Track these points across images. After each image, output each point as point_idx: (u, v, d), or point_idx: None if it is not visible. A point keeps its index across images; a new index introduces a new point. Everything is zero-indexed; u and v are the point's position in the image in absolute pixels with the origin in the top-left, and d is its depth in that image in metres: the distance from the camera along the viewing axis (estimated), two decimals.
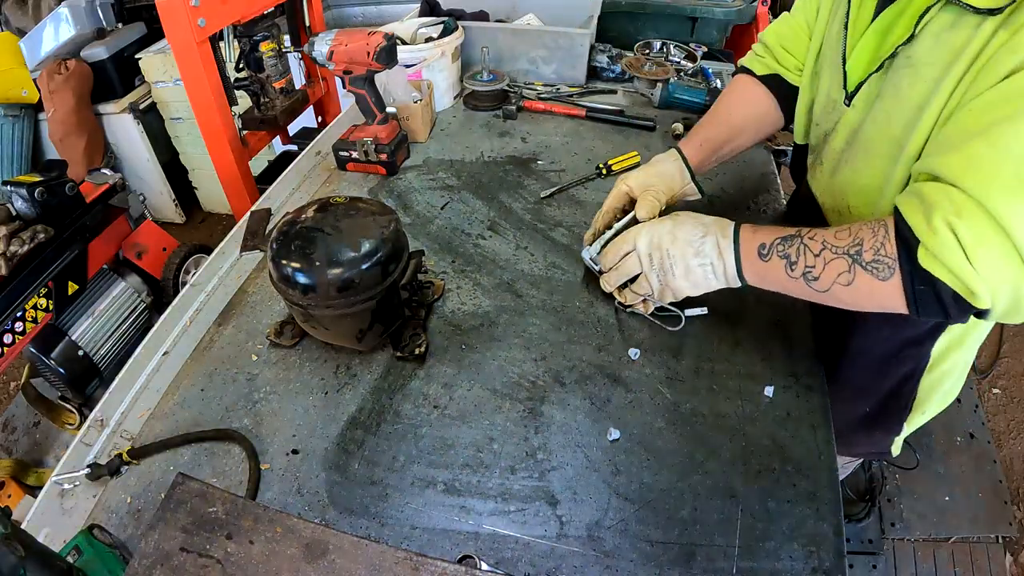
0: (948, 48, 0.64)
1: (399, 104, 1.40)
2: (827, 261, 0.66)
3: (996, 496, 1.86)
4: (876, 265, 0.62)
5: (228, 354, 0.94)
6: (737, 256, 0.76)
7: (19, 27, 2.77)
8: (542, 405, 0.85)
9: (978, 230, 0.55)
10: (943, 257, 0.57)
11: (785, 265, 0.71)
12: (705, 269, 0.79)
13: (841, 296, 0.67)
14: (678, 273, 0.81)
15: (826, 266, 0.66)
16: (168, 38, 1.43)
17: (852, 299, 0.66)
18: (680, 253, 0.80)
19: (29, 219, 1.54)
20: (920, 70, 0.68)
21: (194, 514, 0.57)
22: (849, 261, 0.64)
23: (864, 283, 0.64)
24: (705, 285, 0.81)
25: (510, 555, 0.70)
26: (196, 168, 3.00)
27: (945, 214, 0.56)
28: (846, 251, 0.64)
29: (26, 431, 1.96)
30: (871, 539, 1.77)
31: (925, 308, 0.61)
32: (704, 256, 0.78)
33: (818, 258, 0.67)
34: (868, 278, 0.63)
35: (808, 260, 0.68)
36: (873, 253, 0.62)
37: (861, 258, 0.63)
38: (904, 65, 0.70)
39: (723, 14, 1.89)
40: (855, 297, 0.66)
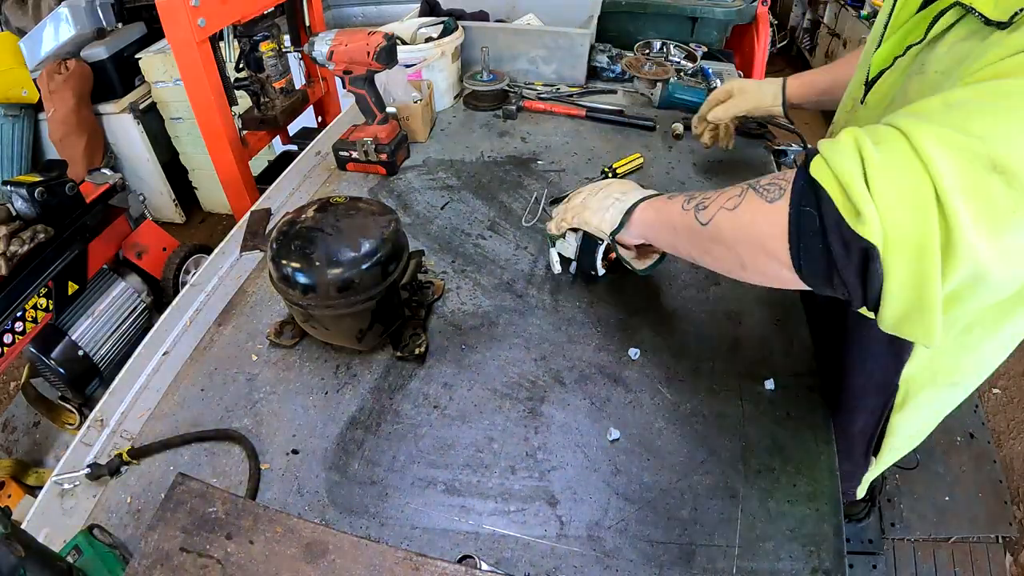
0: (956, 59, 0.60)
1: (399, 104, 1.40)
2: (722, 192, 0.62)
3: (996, 496, 1.86)
4: (768, 188, 0.56)
5: (228, 354, 0.94)
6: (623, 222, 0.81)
7: (19, 27, 2.77)
8: (542, 405, 0.85)
9: (890, 154, 0.47)
10: (833, 162, 0.49)
11: (684, 200, 0.69)
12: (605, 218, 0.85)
13: (721, 232, 0.60)
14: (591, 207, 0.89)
15: (719, 195, 0.62)
16: (168, 38, 1.43)
17: (731, 233, 0.60)
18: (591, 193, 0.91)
19: (29, 219, 1.54)
20: (928, 78, 0.65)
21: (194, 514, 0.57)
22: (744, 188, 0.59)
23: (748, 207, 0.57)
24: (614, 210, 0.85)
25: (510, 555, 0.70)
26: (196, 168, 3.00)
27: (856, 133, 0.49)
28: (747, 183, 0.60)
29: (26, 431, 1.96)
30: (871, 539, 1.76)
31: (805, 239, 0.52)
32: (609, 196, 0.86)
33: (716, 192, 0.64)
34: (756, 200, 0.57)
35: (706, 194, 0.66)
36: (770, 179, 0.58)
37: (757, 184, 0.58)
38: (917, 71, 0.67)
39: (723, 14, 1.89)
40: (734, 229, 0.59)
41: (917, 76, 0.67)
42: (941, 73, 0.62)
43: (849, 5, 3.70)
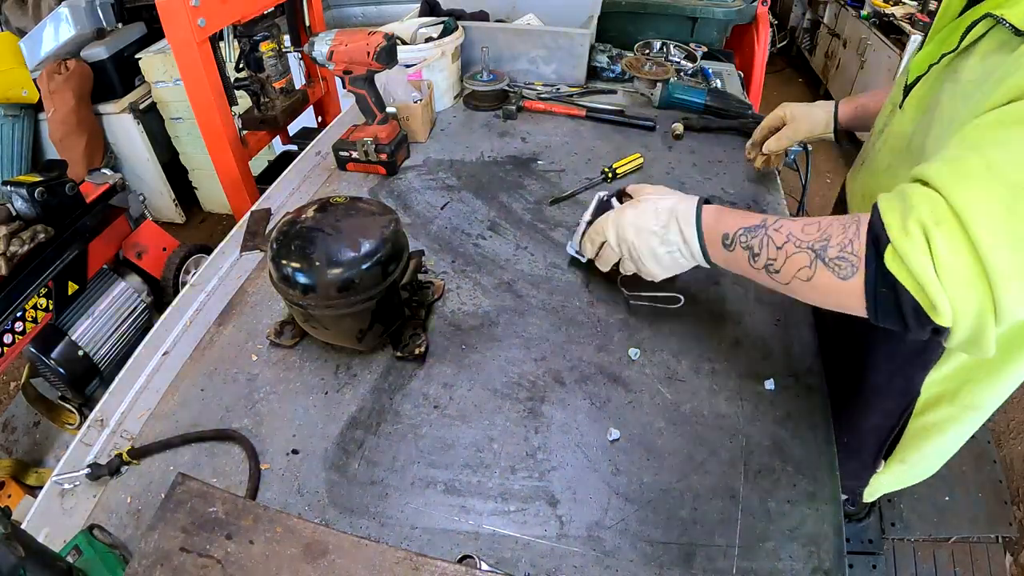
0: (988, 69, 0.62)
1: (399, 104, 1.40)
2: (789, 255, 0.63)
3: (996, 496, 1.86)
4: (839, 263, 0.59)
5: (228, 354, 0.94)
6: (701, 242, 0.76)
7: (19, 27, 2.77)
8: (542, 405, 0.85)
9: (952, 244, 0.51)
10: (910, 262, 0.53)
11: (748, 256, 0.68)
12: (673, 255, 0.80)
13: (802, 292, 0.64)
14: (647, 261, 0.82)
15: (787, 260, 0.63)
16: (168, 38, 1.43)
17: (813, 296, 0.64)
18: (644, 243, 0.81)
19: (29, 219, 1.54)
20: (960, 87, 0.66)
21: (194, 514, 0.57)
22: (812, 256, 0.61)
23: (824, 280, 0.60)
24: (677, 267, 0.82)
25: (510, 555, 0.70)
26: (196, 168, 3.00)
27: (923, 218, 0.53)
28: (810, 246, 0.61)
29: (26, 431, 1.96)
30: (871, 539, 1.77)
31: (884, 313, 0.57)
32: (670, 244, 0.79)
33: (780, 251, 0.64)
34: (829, 276, 0.60)
35: (770, 252, 0.65)
36: (839, 250, 0.59)
37: (825, 254, 0.60)
38: (950, 79, 0.69)
39: (723, 14, 1.89)
40: (815, 294, 0.63)
41: (950, 84, 0.68)
42: (973, 83, 0.64)
43: (849, 5, 3.71)
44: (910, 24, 3.09)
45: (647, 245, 0.80)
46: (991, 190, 0.51)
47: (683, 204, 0.78)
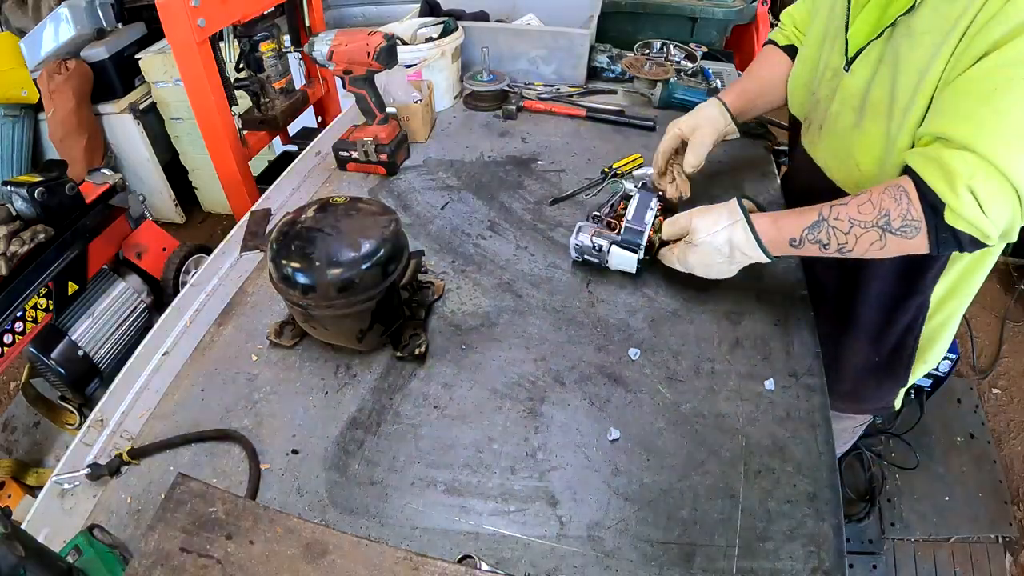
0: (945, 17, 0.72)
1: (399, 104, 1.40)
2: (858, 236, 0.76)
3: (996, 496, 1.86)
4: (905, 229, 0.72)
5: (228, 354, 0.94)
6: (767, 255, 0.86)
7: (19, 27, 2.77)
8: (542, 405, 0.85)
9: (990, 187, 0.66)
10: (966, 216, 0.68)
11: (818, 247, 0.80)
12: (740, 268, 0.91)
13: (876, 254, 0.77)
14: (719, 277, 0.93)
15: (858, 240, 0.76)
16: (168, 38, 1.43)
17: (880, 255, 0.77)
18: (715, 272, 0.92)
19: (29, 219, 1.54)
20: (918, 38, 0.76)
21: (194, 514, 0.57)
22: (879, 232, 0.74)
23: (895, 244, 0.74)
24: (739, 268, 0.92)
25: (510, 555, 0.70)
26: (196, 168, 3.00)
27: (965, 180, 0.66)
28: (875, 223, 0.74)
29: (26, 431, 1.96)
30: (871, 539, 1.77)
31: (946, 248, 0.72)
32: (737, 264, 0.90)
33: (848, 235, 0.76)
34: (898, 240, 0.73)
35: (839, 239, 0.77)
36: (901, 220, 0.72)
37: (890, 226, 0.73)
38: (904, 34, 0.78)
39: (723, 14, 1.89)
40: (882, 254, 0.76)
41: (906, 39, 0.78)
42: (930, 32, 0.74)
43: None
44: None
45: (717, 271, 0.92)
46: (1005, 130, 0.65)
47: (737, 234, 0.86)
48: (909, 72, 0.78)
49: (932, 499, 1.85)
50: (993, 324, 2.48)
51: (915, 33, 0.76)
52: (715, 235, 0.88)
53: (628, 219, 0.99)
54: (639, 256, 1.00)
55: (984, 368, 2.32)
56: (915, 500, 1.85)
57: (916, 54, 0.76)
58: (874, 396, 1.13)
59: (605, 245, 1.01)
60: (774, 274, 1.05)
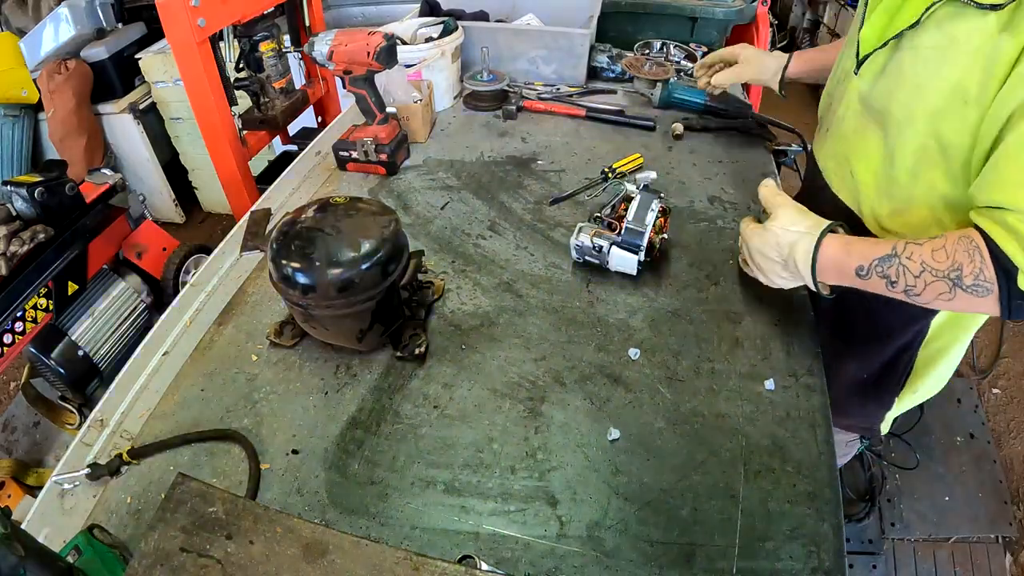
0: (948, 36, 0.72)
1: (399, 104, 1.40)
2: (927, 283, 0.73)
3: (996, 496, 1.86)
4: (976, 288, 0.70)
5: (228, 354, 0.94)
6: (814, 278, 0.83)
7: (19, 27, 2.77)
8: (542, 405, 0.85)
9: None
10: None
11: (886, 283, 0.76)
12: (793, 279, 0.88)
13: (940, 305, 0.75)
14: (771, 279, 0.91)
15: (927, 287, 0.73)
16: (168, 38, 1.43)
17: (948, 308, 0.76)
18: (768, 268, 0.90)
19: (29, 219, 1.54)
20: (921, 53, 0.76)
21: (194, 514, 0.57)
22: (949, 284, 0.71)
23: (963, 300, 0.72)
24: (796, 284, 0.90)
25: (510, 555, 0.70)
26: (196, 168, 3.00)
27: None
28: (946, 275, 0.71)
29: (26, 431, 1.96)
30: (871, 539, 1.77)
31: (1018, 314, 0.70)
32: (789, 271, 0.87)
33: (918, 279, 0.73)
34: (968, 297, 0.71)
35: (908, 280, 0.74)
36: (973, 279, 0.70)
37: (962, 282, 0.70)
38: (908, 47, 0.78)
39: (723, 14, 1.89)
40: (952, 308, 0.75)
41: (910, 52, 0.78)
42: (934, 49, 0.74)
43: (849, 5, 3.70)
44: None
45: (771, 269, 0.89)
46: None
47: (802, 244, 0.83)
48: (907, 87, 0.78)
49: (932, 499, 1.85)
50: (993, 324, 2.47)
51: (918, 48, 0.76)
52: (787, 232, 0.85)
53: (629, 220, 0.99)
54: (639, 257, 1.00)
55: (984, 368, 2.31)
56: (915, 500, 1.85)
57: (916, 70, 0.77)
58: (858, 414, 1.12)
59: (605, 246, 1.01)
60: None
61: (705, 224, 1.17)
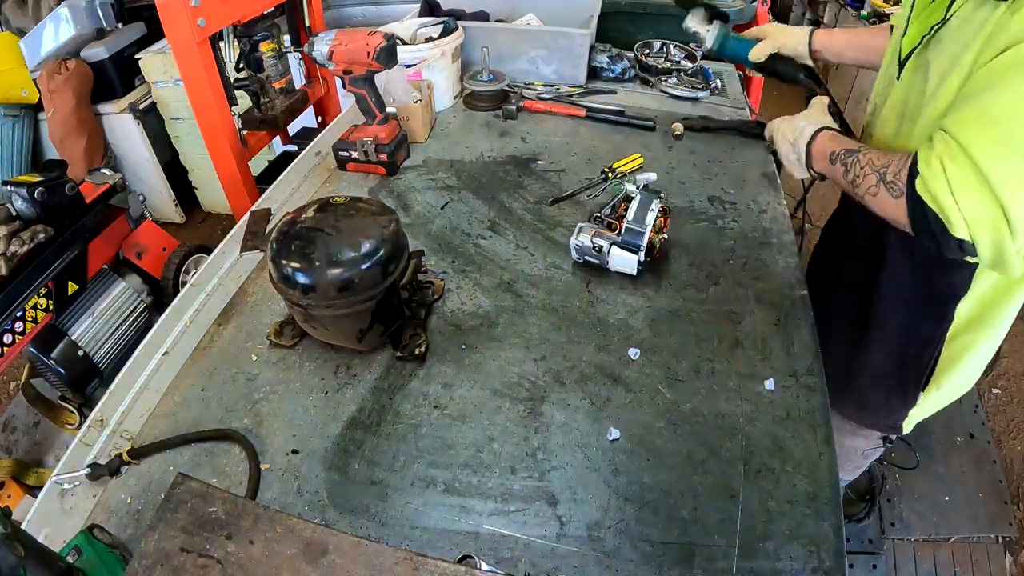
0: (969, 27, 0.76)
1: (399, 104, 1.40)
2: (865, 175, 0.83)
3: (996, 496, 1.86)
4: (892, 185, 0.77)
5: (228, 354, 0.94)
6: (808, 156, 0.97)
7: (19, 27, 2.77)
8: (542, 405, 0.85)
9: (962, 173, 0.68)
10: (930, 186, 0.71)
11: (843, 171, 0.88)
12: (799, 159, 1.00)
13: (871, 202, 0.82)
14: (783, 158, 1.05)
15: (864, 178, 0.83)
16: (168, 38, 1.43)
17: (878, 207, 0.82)
18: (782, 146, 1.05)
19: (29, 219, 1.54)
20: (946, 46, 0.80)
21: (194, 514, 0.57)
22: (877, 178, 0.80)
23: (883, 197, 0.79)
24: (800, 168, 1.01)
25: (510, 555, 0.70)
26: (196, 168, 3.00)
27: (941, 155, 0.70)
28: (878, 170, 0.81)
29: (26, 431, 1.96)
30: (871, 539, 1.77)
31: (919, 229, 0.74)
32: (797, 153, 1.00)
33: (862, 170, 0.84)
34: (886, 193, 0.79)
35: (856, 171, 0.85)
36: (893, 175, 0.78)
37: (885, 177, 0.79)
38: (935, 45, 0.83)
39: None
40: (879, 206, 0.81)
41: (936, 48, 0.83)
42: (954, 42, 0.78)
43: (849, 5, 3.70)
44: None
45: (782, 148, 1.04)
46: (987, 128, 0.68)
47: (809, 128, 0.98)
48: (934, 78, 0.82)
49: (932, 499, 1.85)
50: None
51: (943, 41, 0.81)
52: (803, 122, 1.00)
53: (629, 220, 0.99)
54: (639, 257, 1.00)
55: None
56: (915, 500, 1.85)
57: (940, 60, 0.81)
58: (881, 408, 1.12)
59: (605, 246, 1.01)
60: (774, 274, 1.05)
61: (705, 224, 1.17)
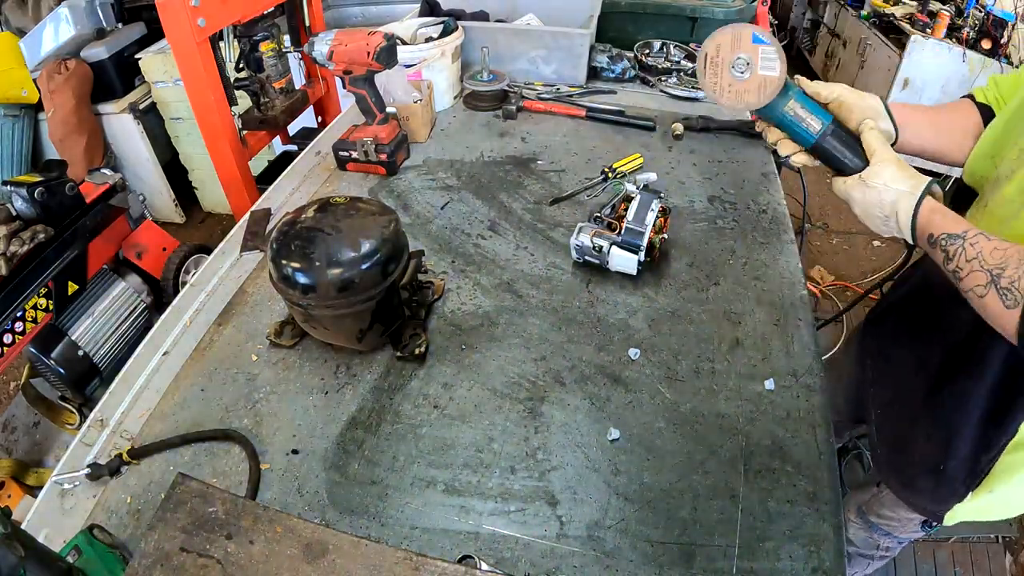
0: None
1: (399, 104, 1.40)
2: (972, 270, 0.73)
3: None
4: (1007, 292, 0.68)
5: (228, 354, 0.94)
6: (914, 237, 0.83)
7: (19, 27, 2.77)
8: (542, 405, 0.85)
9: None
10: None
11: (944, 258, 0.77)
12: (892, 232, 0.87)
13: (974, 302, 0.74)
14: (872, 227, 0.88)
15: (970, 274, 0.73)
16: (168, 38, 1.43)
17: (982, 310, 0.73)
18: (870, 221, 0.88)
19: (29, 219, 1.54)
20: None
21: (194, 514, 0.57)
22: (988, 279, 0.70)
23: (992, 302, 0.70)
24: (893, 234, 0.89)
25: (510, 555, 0.70)
26: (196, 168, 3.00)
27: None
28: (990, 270, 0.71)
29: (26, 431, 1.96)
30: None
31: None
32: (889, 228, 0.86)
33: (968, 264, 0.73)
34: (996, 300, 0.69)
35: (960, 262, 0.75)
36: (1008, 281, 0.68)
37: (998, 282, 0.69)
38: None
39: (723, 14, 1.88)
40: (984, 310, 0.73)
41: None
42: None
43: (849, 5, 3.70)
44: (910, 24, 3.09)
45: (872, 223, 0.88)
46: None
47: (904, 203, 0.83)
48: None
49: None
50: None
51: None
52: (890, 191, 0.84)
53: (629, 220, 0.99)
54: (639, 257, 1.00)
55: None
56: None
57: None
58: (927, 495, 1.05)
59: (605, 246, 1.01)
60: (774, 274, 1.05)
61: (705, 224, 1.17)
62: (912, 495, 1.08)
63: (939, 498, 1.01)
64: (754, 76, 0.87)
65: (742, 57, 0.87)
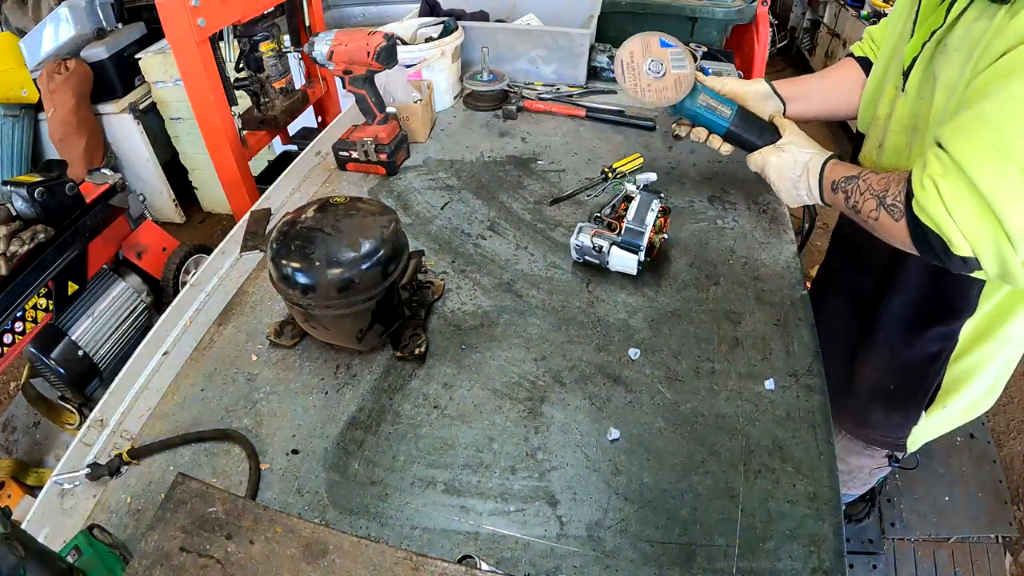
0: (973, 36, 0.73)
1: (399, 104, 1.40)
2: (865, 200, 0.81)
3: (996, 496, 1.86)
4: (892, 208, 0.76)
5: (228, 354, 0.94)
6: (821, 190, 0.92)
7: (19, 27, 2.77)
8: (542, 405, 0.85)
9: (956, 189, 0.66)
10: (927, 208, 0.69)
11: (844, 199, 0.86)
12: (801, 196, 0.96)
13: (874, 227, 0.81)
14: (783, 195, 0.99)
15: (864, 203, 0.82)
16: (168, 38, 1.43)
17: (881, 231, 0.80)
18: (783, 185, 0.98)
19: (29, 219, 1.54)
20: (951, 56, 0.77)
21: (194, 514, 0.57)
22: (877, 202, 0.79)
23: (884, 220, 0.78)
24: (802, 202, 0.98)
25: (510, 555, 0.70)
26: (196, 168, 3.00)
27: (932, 173, 0.69)
28: (877, 194, 0.79)
29: (26, 431, 1.96)
30: (871, 539, 1.76)
31: (923, 249, 0.73)
32: (800, 189, 0.96)
33: (863, 196, 0.82)
34: (887, 217, 0.77)
35: (856, 197, 0.83)
36: (892, 198, 0.77)
37: (885, 201, 0.78)
38: (941, 52, 0.80)
39: (723, 14, 1.89)
40: (881, 230, 0.80)
41: (942, 56, 0.79)
42: (960, 51, 0.75)
43: (849, 5, 3.70)
44: None
45: (784, 187, 0.98)
46: (982, 137, 0.65)
47: (815, 161, 0.94)
48: (942, 91, 0.78)
49: (932, 499, 1.85)
50: None
51: (949, 51, 0.77)
52: (803, 152, 0.95)
53: (629, 220, 0.99)
54: (639, 257, 1.00)
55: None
56: (915, 500, 1.85)
57: (947, 72, 0.77)
58: (881, 424, 1.10)
59: (605, 246, 1.01)
60: (774, 274, 1.05)
61: (705, 224, 1.17)
62: (868, 431, 1.14)
63: (894, 424, 1.08)
64: (668, 75, 0.99)
65: (655, 60, 0.99)
